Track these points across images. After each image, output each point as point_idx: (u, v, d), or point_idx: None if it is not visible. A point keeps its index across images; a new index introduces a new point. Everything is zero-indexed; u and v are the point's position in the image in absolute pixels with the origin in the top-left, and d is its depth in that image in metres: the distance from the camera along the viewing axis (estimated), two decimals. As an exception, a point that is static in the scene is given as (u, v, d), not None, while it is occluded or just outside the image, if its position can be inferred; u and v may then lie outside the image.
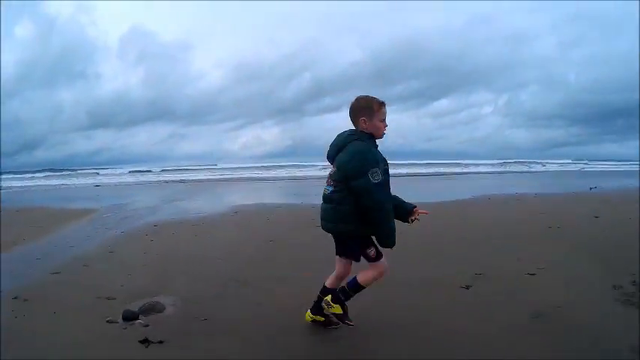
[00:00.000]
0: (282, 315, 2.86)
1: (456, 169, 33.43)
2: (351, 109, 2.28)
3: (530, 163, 46.49)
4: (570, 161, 57.25)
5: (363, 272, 2.32)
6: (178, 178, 25.66)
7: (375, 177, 2.08)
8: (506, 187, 14.72)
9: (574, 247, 4.66)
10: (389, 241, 2.18)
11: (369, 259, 2.28)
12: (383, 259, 2.29)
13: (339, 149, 2.25)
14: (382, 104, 2.26)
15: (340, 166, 2.18)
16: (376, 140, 2.28)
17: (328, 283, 2.47)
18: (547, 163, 48.64)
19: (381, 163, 2.14)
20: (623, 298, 3.04)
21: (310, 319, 2.56)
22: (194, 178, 25.40)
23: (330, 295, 2.39)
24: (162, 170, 35.09)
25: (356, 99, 2.27)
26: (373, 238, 2.25)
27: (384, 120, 2.27)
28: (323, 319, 2.50)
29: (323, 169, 27.51)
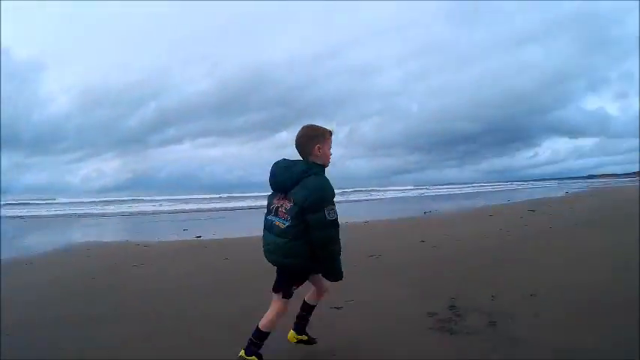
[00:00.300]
0: None
1: None
2: (302, 136, 2.29)
3: (370, 191, 49.59)
4: (412, 187, 63.65)
5: (268, 315, 2.29)
6: (17, 214, 23.28)
7: (332, 214, 2.13)
8: (339, 215, 15.63)
9: (392, 275, 4.63)
10: (339, 275, 2.28)
11: (286, 295, 2.28)
12: (289, 300, 2.32)
13: (293, 183, 2.21)
14: (331, 133, 2.33)
15: (298, 200, 2.16)
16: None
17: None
18: (387, 190, 52.61)
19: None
20: (438, 325, 2.97)
21: (295, 340, 2.60)
22: (32, 214, 23.29)
23: (243, 351, 2.26)
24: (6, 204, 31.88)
25: (307, 127, 2.32)
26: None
27: (331, 148, 2.34)
28: (306, 337, 2.60)
29: (159, 204, 28.77)
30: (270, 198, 2.37)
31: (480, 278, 4.35)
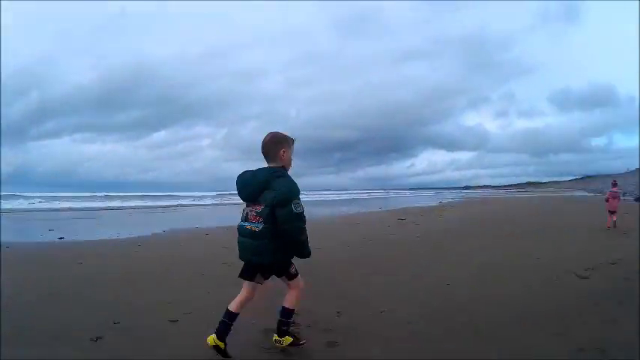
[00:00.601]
0: None
1: (170, 201, 34.36)
2: (270, 141, 2.54)
3: None
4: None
5: (288, 297, 2.68)
6: None
7: (298, 208, 2.38)
8: (208, 219, 15.05)
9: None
10: (308, 255, 2.55)
11: (290, 277, 2.62)
12: (299, 276, 2.67)
13: (261, 189, 2.43)
14: (293, 140, 2.62)
15: (268, 201, 2.38)
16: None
17: (233, 308, 2.62)
18: None
19: None
20: (273, 342, 2.82)
21: (213, 344, 2.54)
22: None
23: (275, 335, 2.71)
24: None
25: (274, 133, 2.58)
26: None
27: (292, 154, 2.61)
28: (223, 345, 2.56)
29: (33, 202, 27.78)
30: (244, 208, 2.57)
31: (329, 291, 4.17)
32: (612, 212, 10.03)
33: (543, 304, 3.85)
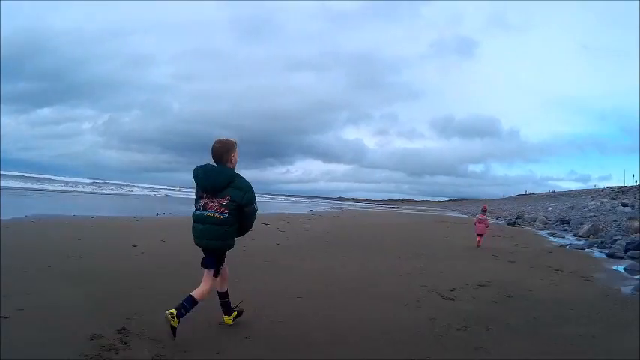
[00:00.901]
0: None
1: (44, 184, 33.35)
2: (222, 148, 3.06)
3: (121, 185, 48.61)
4: (167, 187, 65.55)
5: (199, 290, 3.04)
6: None
7: (256, 205, 3.13)
8: (71, 207, 14.57)
9: (86, 282, 4.28)
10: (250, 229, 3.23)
11: (216, 274, 3.12)
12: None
13: (223, 186, 2.97)
14: (236, 143, 3.18)
15: (236, 198, 2.98)
16: None
17: (207, 288, 3.10)
18: (138, 186, 51.88)
19: None
20: (96, 352, 2.59)
21: (231, 322, 3.39)
22: None
23: (174, 310, 2.83)
24: None
25: (222, 141, 3.10)
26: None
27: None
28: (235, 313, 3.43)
29: None
30: (197, 197, 3.08)
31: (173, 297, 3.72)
32: (479, 235, 11.25)
33: (397, 326, 3.81)
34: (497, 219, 30.96)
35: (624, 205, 22.80)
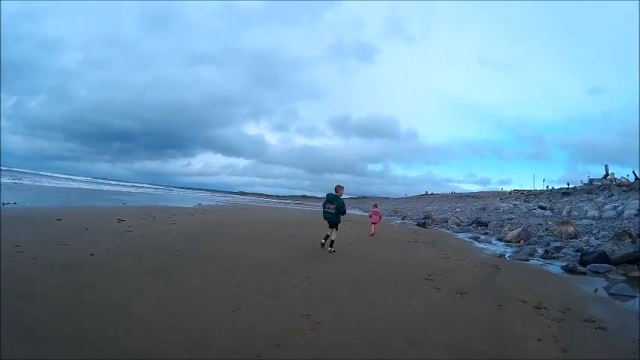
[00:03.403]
0: None
1: None
2: (338, 188, 8.76)
3: (23, 174, 44.67)
4: (71, 176, 61.84)
5: (333, 235, 8.54)
6: None
7: (345, 209, 8.83)
8: None
9: None
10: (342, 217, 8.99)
11: (337, 228, 8.62)
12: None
13: (333, 200, 8.55)
14: (342, 188, 8.89)
15: (338, 206, 8.50)
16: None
17: (332, 237, 8.49)
18: (42, 175, 49.63)
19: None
20: None
21: (330, 250, 8.38)
22: None
23: (330, 248, 8.42)
24: None
25: (340, 187, 8.81)
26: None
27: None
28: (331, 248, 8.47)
29: None
30: (325, 203, 8.73)
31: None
32: (373, 224, 13.72)
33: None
34: (403, 219, 28.90)
35: (542, 207, 21.75)
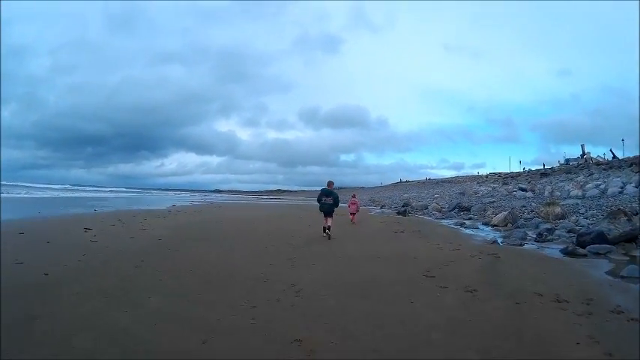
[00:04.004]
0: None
1: None
2: (330, 183, 10.30)
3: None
4: (50, 185, 60.61)
5: (330, 223, 9.63)
6: None
7: (339, 202, 10.07)
8: None
9: None
10: (336, 208, 10.11)
11: (331, 217, 9.74)
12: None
13: (329, 193, 9.91)
14: (332, 183, 10.45)
15: (335, 198, 9.83)
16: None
17: (327, 225, 9.53)
18: (20, 186, 48.15)
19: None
20: None
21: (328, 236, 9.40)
22: None
23: (327, 232, 9.48)
24: None
25: (332, 182, 10.41)
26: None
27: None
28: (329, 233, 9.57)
29: None
30: (320, 196, 9.91)
31: None
32: (352, 214, 14.32)
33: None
34: (382, 207, 28.47)
35: (523, 189, 21.66)
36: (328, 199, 9.63)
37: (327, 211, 9.51)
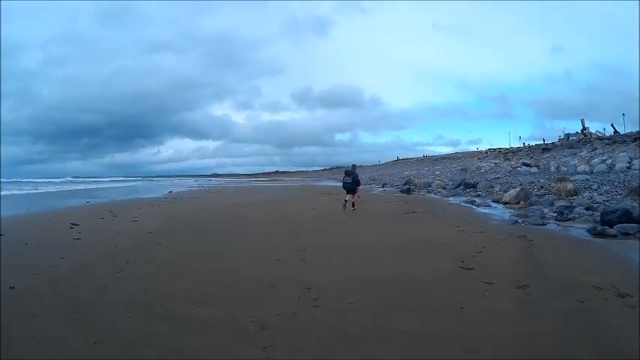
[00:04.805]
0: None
1: None
2: (354, 166, 12.57)
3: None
4: (50, 180, 56.82)
5: (356, 199, 12.06)
6: None
7: (359, 181, 12.44)
8: None
9: None
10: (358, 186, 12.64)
11: (354, 193, 11.97)
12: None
13: (350, 174, 11.97)
14: (355, 166, 12.84)
15: (354, 178, 11.90)
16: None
17: (353, 200, 11.84)
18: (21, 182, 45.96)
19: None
20: None
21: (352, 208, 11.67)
22: None
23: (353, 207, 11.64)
24: None
25: (355, 165, 12.75)
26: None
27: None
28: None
29: None
30: (344, 177, 12.10)
31: None
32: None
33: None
34: (383, 186, 27.67)
35: (527, 165, 20.95)
36: (349, 178, 11.88)
37: (349, 188, 11.84)
